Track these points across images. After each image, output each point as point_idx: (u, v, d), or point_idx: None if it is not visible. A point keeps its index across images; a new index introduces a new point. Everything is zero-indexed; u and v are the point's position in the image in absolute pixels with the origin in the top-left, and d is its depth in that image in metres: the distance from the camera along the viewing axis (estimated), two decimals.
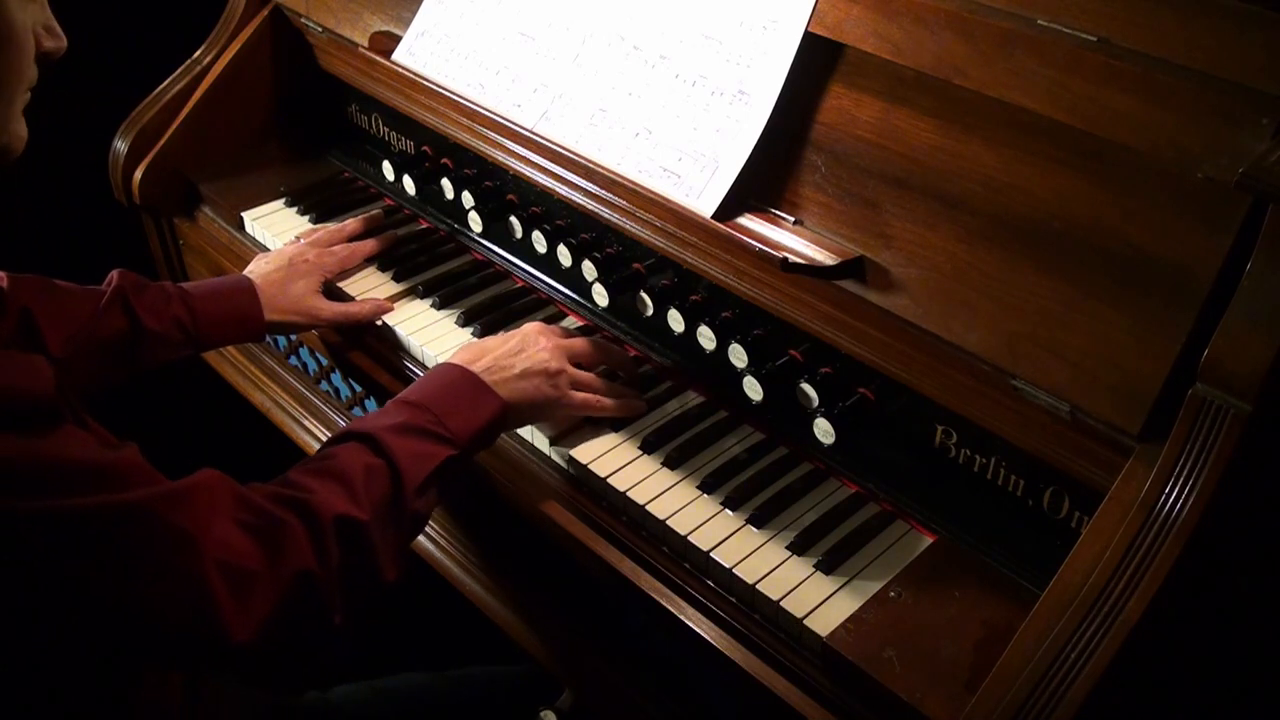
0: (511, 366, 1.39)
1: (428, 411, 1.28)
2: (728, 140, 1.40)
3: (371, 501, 1.17)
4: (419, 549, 1.65)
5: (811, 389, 1.35)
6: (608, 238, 1.58)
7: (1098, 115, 1.12)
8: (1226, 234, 1.05)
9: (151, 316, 1.50)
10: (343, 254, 1.73)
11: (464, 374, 1.36)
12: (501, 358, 1.40)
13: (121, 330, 1.48)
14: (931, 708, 1.09)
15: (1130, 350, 1.09)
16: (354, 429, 1.25)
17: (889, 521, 1.32)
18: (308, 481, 1.16)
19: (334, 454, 1.21)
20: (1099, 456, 1.13)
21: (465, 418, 1.31)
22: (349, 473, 1.18)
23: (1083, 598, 1.02)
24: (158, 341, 1.51)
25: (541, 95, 1.60)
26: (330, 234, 1.76)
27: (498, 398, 1.35)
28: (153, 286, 1.53)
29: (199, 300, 1.55)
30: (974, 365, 1.20)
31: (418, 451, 1.24)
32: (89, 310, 1.46)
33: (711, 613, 1.26)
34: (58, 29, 1.10)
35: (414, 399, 1.31)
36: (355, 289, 1.72)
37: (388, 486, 1.20)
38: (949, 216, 1.23)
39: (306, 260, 1.67)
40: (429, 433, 1.27)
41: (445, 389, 1.34)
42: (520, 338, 1.44)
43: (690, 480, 1.37)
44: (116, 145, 1.97)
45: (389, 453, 1.21)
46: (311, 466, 1.20)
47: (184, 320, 1.52)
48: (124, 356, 1.50)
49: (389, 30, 1.82)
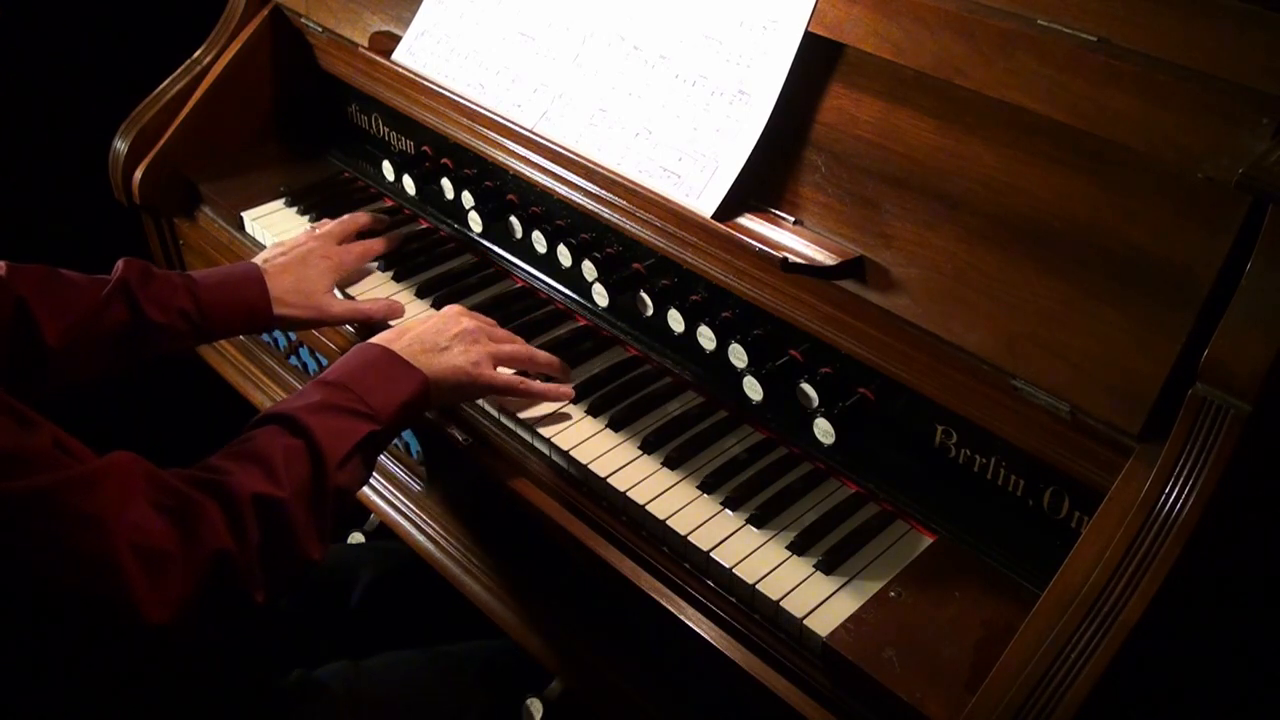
0: (434, 344, 1.40)
1: (347, 390, 1.29)
2: (728, 140, 1.40)
3: (291, 480, 1.18)
4: (414, 544, 1.65)
5: (811, 389, 1.35)
6: (608, 238, 1.58)
7: (1098, 115, 1.12)
8: (1226, 234, 1.05)
9: (155, 308, 1.49)
10: (359, 250, 1.72)
11: (383, 351, 1.37)
12: (423, 335, 1.41)
13: (123, 322, 1.48)
14: (931, 708, 1.09)
15: (1130, 350, 1.09)
16: (272, 411, 1.26)
17: (889, 521, 1.32)
18: (225, 464, 1.17)
19: (252, 436, 1.22)
20: (1099, 456, 1.13)
21: (386, 394, 1.32)
22: (267, 453, 1.19)
23: (1083, 598, 1.02)
24: (161, 333, 1.50)
25: (541, 95, 1.60)
26: (343, 225, 1.75)
27: (419, 373, 1.36)
28: (159, 276, 1.52)
29: (206, 290, 1.54)
30: (974, 365, 1.20)
31: (337, 428, 1.25)
32: (91, 301, 1.46)
33: (711, 613, 1.26)
34: None
35: (332, 379, 1.32)
36: (355, 289, 1.72)
37: (307, 464, 1.21)
38: (949, 216, 1.23)
39: (325, 256, 1.66)
40: (349, 410, 1.27)
41: (364, 366, 1.34)
42: (442, 318, 1.46)
43: (690, 480, 1.37)
44: (116, 145, 1.97)
45: (308, 431, 1.22)
46: (230, 450, 1.21)
47: (189, 311, 1.52)
48: (126, 347, 1.49)
49: (389, 30, 1.82)
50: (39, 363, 1.41)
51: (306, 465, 1.21)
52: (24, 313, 1.40)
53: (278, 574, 1.16)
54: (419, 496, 1.67)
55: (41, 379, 1.43)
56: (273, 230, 1.86)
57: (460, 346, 1.42)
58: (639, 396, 1.50)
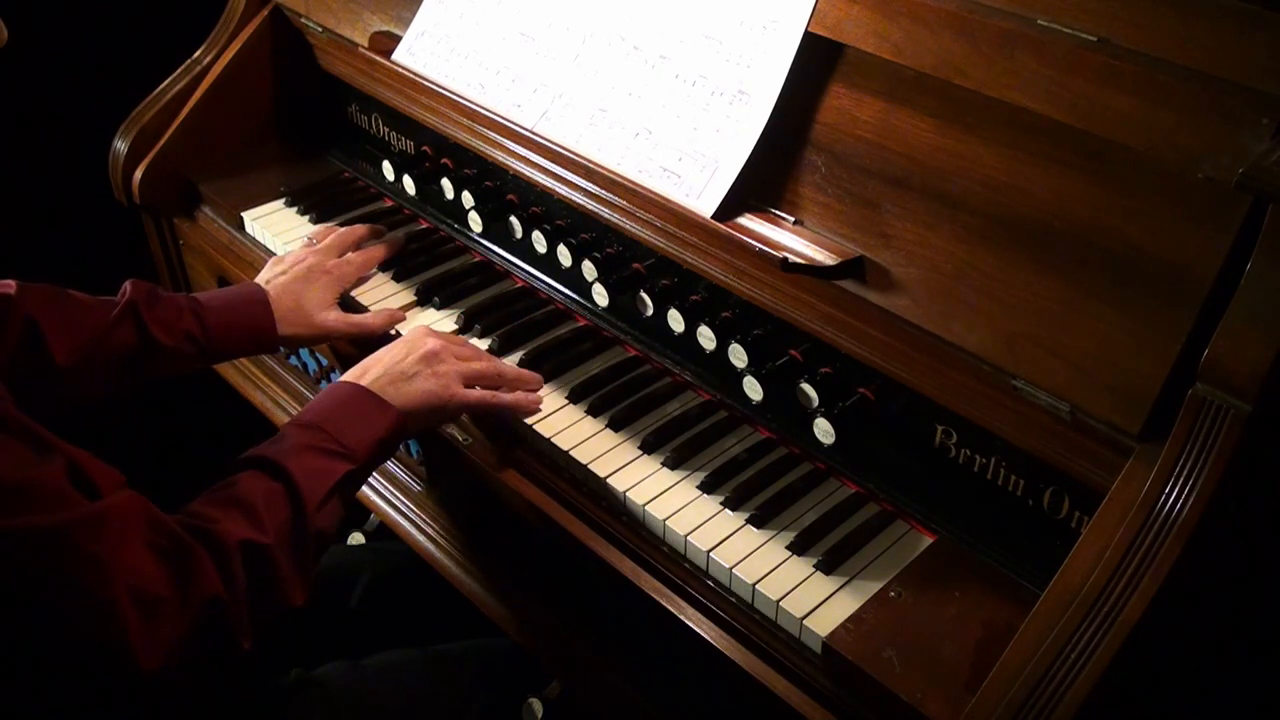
0: (401, 372, 1.40)
1: (321, 431, 1.30)
2: (728, 140, 1.40)
3: (274, 525, 1.19)
4: (414, 544, 1.65)
5: (811, 389, 1.35)
6: (608, 238, 1.58)
7: (1098, 115, 1.12)
8: (1226, 234, 1.05)
9: (162, 330, 1.49)
10: (359, 261, 1.70)
11: (354, 390, 1.37)
12: (390, 365, 1.41)
13: (131, 344, 1.48)
14: (931, 708, 1.09)
15: (1130, 350, 1.09)
16: (251, 455, 1.27)
17: (889, 521, 1.32)
18: (210, 511, 1.18)
19: (234, 482, 1.23)
20: (1099, 456, 1.13)
21: (360, 432, 1.32)
22: (249, 499, 1.19)
23: (1083, 598, 1.02)
24: (168, 355, 1.50)
25: (541, 95, 1.60)
26: (342, 237, 1.73)
27: (391, 407, 1.36)
28: (165, 299, 1.52)
29: (211, 313, 1.54)
30: (974, 365, 1.20)
31: (315, 469, 1.26)
32: (99, 322, 1.46)
33: (711, 613, 1.26)
34: None
35: (307, 420, 1.32)
36: (356, 291, 1.71)
37: (288, 508, 1.21)
38: (949, 216, 1.23)
39: (326, 272, 1.64)
40: (324, 450, 1.28)
41: (337, 407, 1.35)
42: (407, 344, 1.45)
43: (690, 480, 1.37)
44: (116, 145, 1.97)
45: (287, 474, 1.23)
46: (212, 496, 1.21)
47: (195, 334, 1.51)
48: (133, 368, 1.49)
49: (389, 30, 1.82)
50: (48, 382, 1.41)
51: (287, 509, 1.21)
52: (34, 332, 1.40)
53: (262, 620, 1.17)
54: (419, 496, 1.67)
55: (50, 398, 1.43)
56: (273, 230, 1.86)
57: (427, 370, 1.41)
58: (639, 396, 1.50)
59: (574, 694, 1.50)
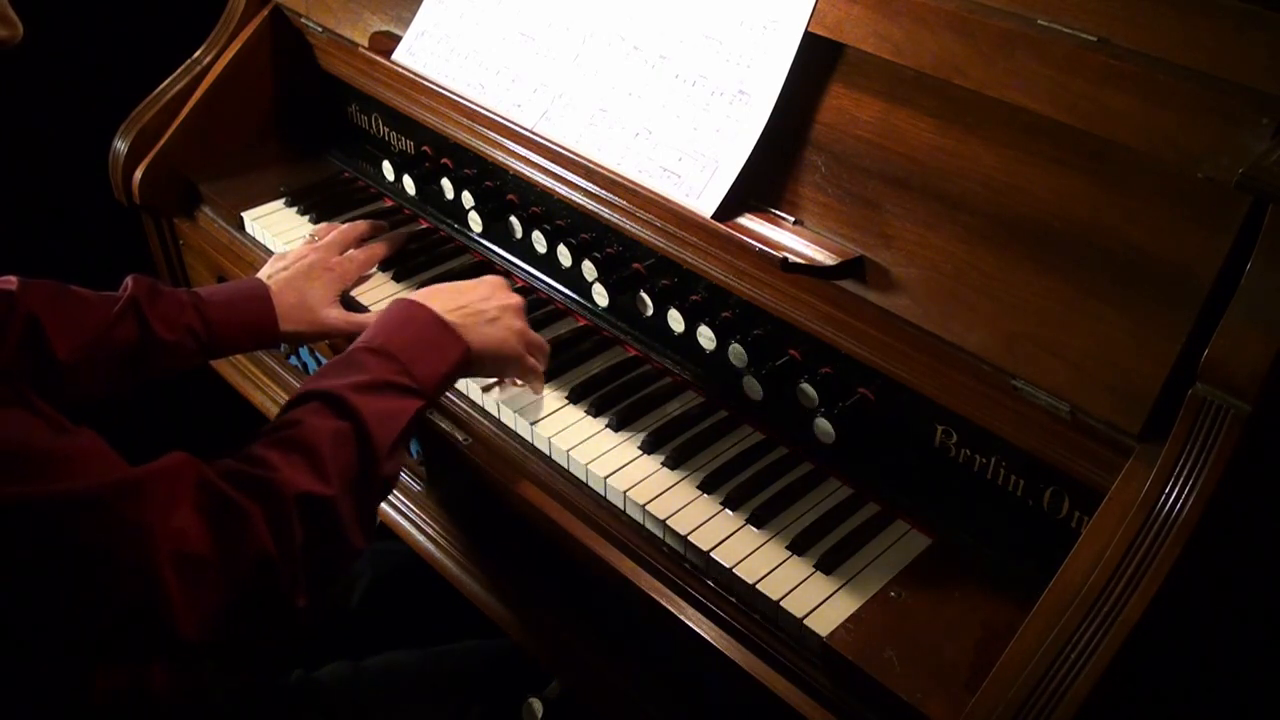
0: (482, 312, 1.38)
1: (394, 360, 1.26)
2: (728, 140, 1.40)
3: (339, 471, 1.14)
4: (414, 544, 1.65)
5: (811, 389, 1.35)
6: (608, 238, 1.58)
7: (1098, 115, 1.12)
8: (1226, 234, 1.05)
9: (164, 326, 1.48)
10: (361, 258, 1.69)
11: (431, 316, 1.34)
12: (472, 301, 1.38)
13: (132, 339, 1.46)
14: (931, 708, 1.09)
15: (1130, 350, 1.09)
16: (319, 388, 1.21)
17: (889, 521, 1.32)
18: (271, 456, 1.13)
19: (299, 419, 1.18)
20: (1099, 456, 1.13)
21: (432, 364, 1.28)
22: (315, 442, 1.15)
23: (1083, 598, 1.02)
24: (169, 351, 1.49)
25: (541, 95, 1.60)
26: (343, 234, 1.72)
27: (463, 342, 1.33)
28: (167, 294, 1.51)
29: (213, 308, 1.52)
30: (974, 365, 1.20)
31: (386, 410, 1.21)
32: (101, 318, 1.45)
33: (711, 612, 1.26)
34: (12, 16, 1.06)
35: (378, 345, 1.28)
36: (355, 290, 1.71)
37: (355, 452, 1.17)
38: (949, 216, 1.23)
39: (328, 269, 1.63)
40: (396, 386, 1.24)
41: (412, 332, 1.31)
42: (489, 286, 1.43)
43: (690, 480, 1.37)
44: (116, 145, 1.97)
45: (357, 414, 1.18)
46: (276, 436, 1.16)
47: (197, 329, 1.50)
48: (135, 364, 1.48)
49: (389, 30, 1.82)
50: (50, 378, 1.40)
51: (354, 454, 1.17)
52: (35, 328, 1.39)
53: (321, 575, 1.13)
54: (419, 496, 1.67)
55: (52, 395, 1.42)
56: (273, 230, 1.86)
57: (507, 319, 1.39)
58: (639, 396, 1.50)
59: (574, 694, 1.50)
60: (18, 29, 1.07)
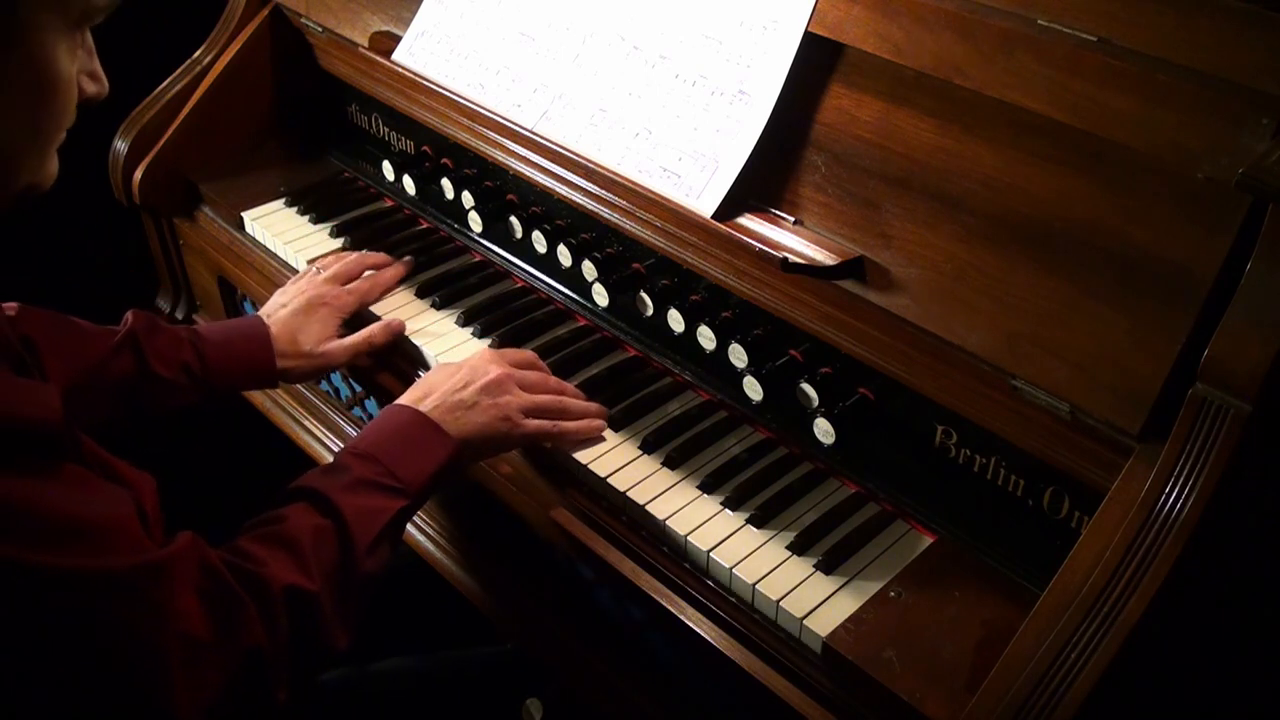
0: (461, 401, 1.36)
1: (376, 463, 1.27)
2: (728, 140, 1.40)
3: (321, 567, 1.16)
4: (414, 545, 1.65)
5: (811, 389, 1.35)
6: (608, 238, 1.58)
7: (1098, 115, 1.12)
8: (1226, 234, 1.05)
9: (160, 362, 1.47)
10: (363, 288, 1.67)
11: (413, 416, 1.34)
12: (450, 393, 1.37)
13: (128, 373, 1.45)
14: (931, 708, 1.09)
15: (1130, 350, 1.09)
16: (304, 486, 1.24)
17: (889, 521, 1.32)
18: (258, 551, 1.14)
19: (283, 516, 1.19)
20: (1099, 456, 1.13)
21: (417, 465, 1.29)
22: (298, 538, 1.16)
23: (1083, 598, 1.02)
24: (165, 387, 1.48)
25: (542, 95, 1.60)
26: (346, 266, 1.69)
27: (450, 438, 1.33)
28: (165, 330, 1.50)
29: (210, 347, 1.51)
30: (974, 365, 1.20)
31: (367, 507, 1.22)
32: (98, 350, 1.44)
33: (711, 613, 1.26)
34: (101, 74, 1.08)
35: (362, 449, 1.29)
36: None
37: (336, 549, 1.18)
38: (949, 216, 1.23)
39: (325, 304, 1.61)
40: (379, 485, 1.25)
41: (394, 435, 1.32)
42: (469, 369, 1.41)
43: (690, 480, 1.37)
44: (116, 145, 1.97)
45: (337, 511, 1.20)
46: (261, 532, 1.18)
47: (193, 366, 1.49)
48: (129, 399, 1.47)
49: (389, 30, 1.82)
50: None
51: (336, 550, 1.18)
52: (31, 352, 1.36)
53: (303, 669, 1.14)
54: None
55: None
56: (273, 230, 1.86)
57: (488, 400, 1.37)
58: (639, 396, 1.50)
59: (574, 694, 1.50)
60: (105, 86, 1.08)
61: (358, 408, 1.82)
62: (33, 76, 0.98)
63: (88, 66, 1.07)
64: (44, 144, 1.03)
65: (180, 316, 2.11)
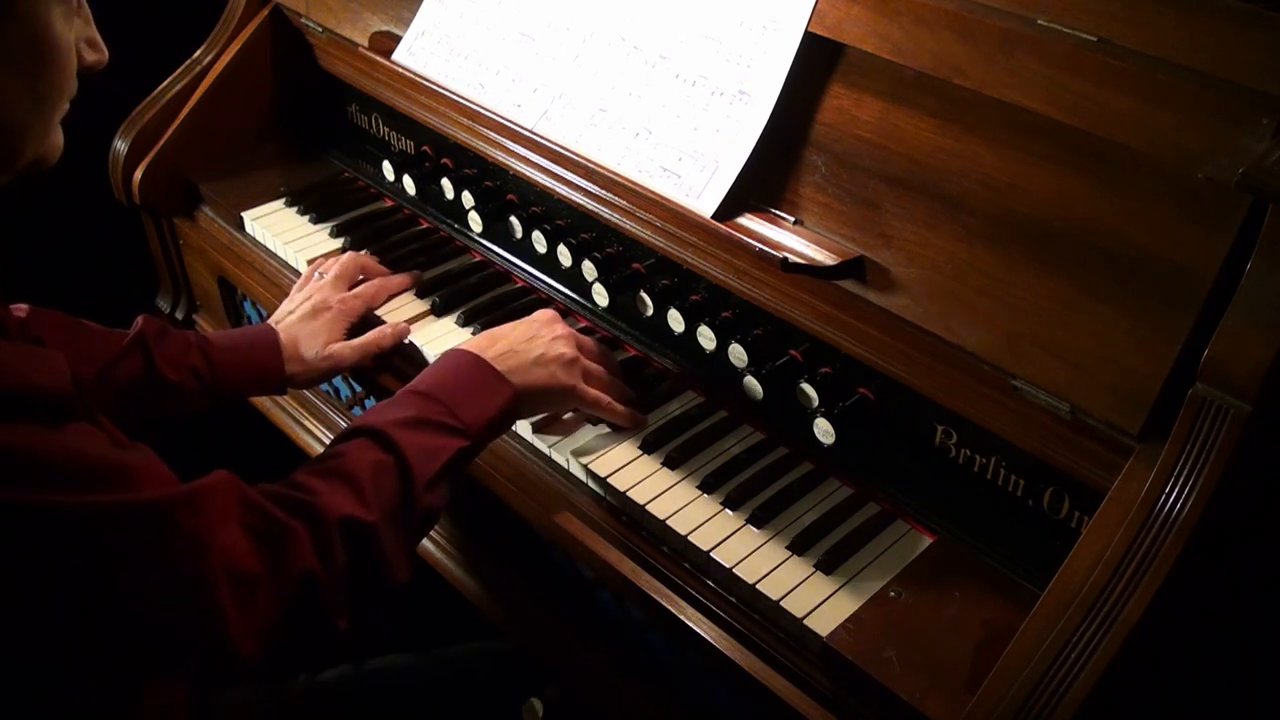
0: (526, 352, 1.38)
1: (438, 402, 1.27)
2: (728, 140, 1.40)
3: (380, 501, 1.16)
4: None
5: (811, 389, 1.35)
6: (608, 238, 1.58)
7: (1098, 115, 1.12)
8: (1226, 234, 1.05)
9: (169, 365, 1.47)
10: (369, 293, 1.67)
11: (475, 361, 1.35)
12: (515, 343, 1.39)
13: (137, 376, 1.46)
14: (931, 708, 1.09)
15: (1130, 350, 1.09)
16: (363, 424, 1.24)
17: (889, 521, 1.32)
18: (314, 483, 1.15)
19: (342, 452, 1.20)
20: (1099, 456, 1.13)
21: (477, 407, 1.30)
22: (356, 472, 1.17)
23: (1083, 598, 1.02)
24: (172, 390, 1.48)
25: (542, 95, 1.60)
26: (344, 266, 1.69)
27: (510, 385, 1.34)
28: (174, 335, 1.51)
29: (218, 352, 1.52)
30: (974, 365, 1.20)
31: (427, 446, 1.23)
32: (108, 352, 1.44)
33: (711, 613, 1.26)
34: (100, 42, 1.08)
35: (424, 389, 1.30)
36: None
37: (396, 484, 1.19)
38: (949, 216, 1.23)
39: (329, 308, 1.62)
40: (439, 425, 1.25)
41: (456, 378, 1.33)
42: (535, 324, 1.43)
43: (690, 480, 1.37)
44: (116, 145, 1.97)
45: (397, 448, 1.20)
46: (319, 466, 1.19)
47: (201, 371, 1.50)
48: (137, 401, 1.47)
49: (389, 30, 1.82)
50: None
51: (395, 484, 1.18)
52: None
53: (363, 599, 1.14)
54: None
55: None
56: (273, 230, 1.86)
57: (553, 354, 1.40)
58: (639, 397, 1.50)
59: (574, 694, 1.50)
60: (104, 54, 1.09)
61: (358, 408, 1.82)
62: (30, 44, 0.99)
63: (86, 34, 1.07)
64: (48, 113, 1.04)
65: (180, 317, 2.11)
